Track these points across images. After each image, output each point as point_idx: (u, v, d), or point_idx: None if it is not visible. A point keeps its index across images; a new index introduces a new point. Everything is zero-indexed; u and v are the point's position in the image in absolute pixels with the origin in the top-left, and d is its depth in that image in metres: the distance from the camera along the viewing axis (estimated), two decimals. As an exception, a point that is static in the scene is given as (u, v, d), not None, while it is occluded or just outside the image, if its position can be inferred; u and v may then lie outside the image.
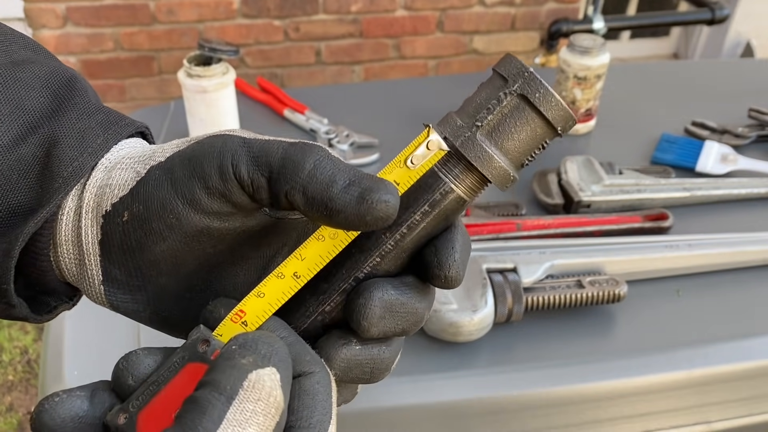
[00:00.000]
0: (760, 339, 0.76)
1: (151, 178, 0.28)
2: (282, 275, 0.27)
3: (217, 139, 0.28)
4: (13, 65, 0.31)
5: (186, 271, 0.29)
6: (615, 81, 1.21)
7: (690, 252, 0.82)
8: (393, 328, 0.27)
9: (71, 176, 0.29)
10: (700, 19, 1.95)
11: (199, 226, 0.28)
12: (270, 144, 0.27)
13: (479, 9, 2.24)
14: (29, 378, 1.75)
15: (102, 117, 0.32)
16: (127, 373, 0.25)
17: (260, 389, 0.22)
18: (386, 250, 0.28)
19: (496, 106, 0.27)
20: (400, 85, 1.40)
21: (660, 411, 0.74)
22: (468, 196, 0.28)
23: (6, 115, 0.30)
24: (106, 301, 0.30)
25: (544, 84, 0.27)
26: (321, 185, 0.26)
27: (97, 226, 0.29)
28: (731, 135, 1.08)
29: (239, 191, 0.27)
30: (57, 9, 2.05)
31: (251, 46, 2.19)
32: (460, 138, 0.27)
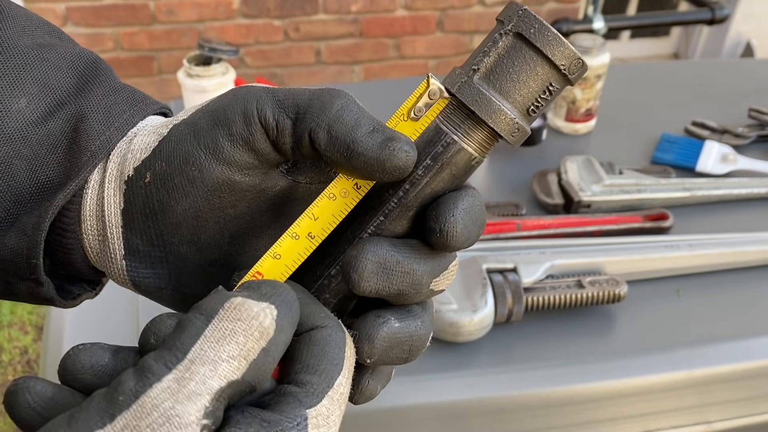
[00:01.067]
0: (760, 339, 0.76)
1: (174, 135, 0.28)
2: (296, 236, 0.27)
3: (240, 89, 0.28)
4: (39, 48, 0.32)
5: (206, 238, 0.29)
6: (615, 81, 1.21)
7: (690, 252, 0.82)
8: (386, 287, 0.26)
9: (98, 150, 0.30)
10: (700, 19, 1.95)
11: (220, 178, 0.28)
12: (295, 89, 0.28)
13: (479, 9, 2.24)
14: (29, 378, 1.75)
15: (127, 94, 0.32)
16: (150, 333, 0.25)
17: (241, 310, 0.22)
18: (389, 207, 0.27)
19: (492, 47, 0.26)
20: (401, 84, 1.40)
21: (660, 411, 0.74)
22: (474, 149, 0.27)
23: (34, 93, 0.30)
24: (128, 277, 0.30)
25: (539, 19, 0.26)
26: (346, 126, 0.26)
27: (120, 194, 0.29)
28: (731, 135, 1.08)
29: (262, 136, 0.27)
30: (57, 9, 2.05)
31: (251, 46, 2.19)
32: (457, 83, 0.26)
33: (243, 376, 0.22)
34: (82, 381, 0.24)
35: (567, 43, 0.26)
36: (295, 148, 0.27)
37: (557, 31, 0.26)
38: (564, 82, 0.26)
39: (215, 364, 0.21)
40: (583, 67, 0.26)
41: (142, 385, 0.21)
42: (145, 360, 0.21)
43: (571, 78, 0.26)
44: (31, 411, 0.23)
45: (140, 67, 2.19)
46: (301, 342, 0.25)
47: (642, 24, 2.26)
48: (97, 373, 0.24)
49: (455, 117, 0.27)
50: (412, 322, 0.27)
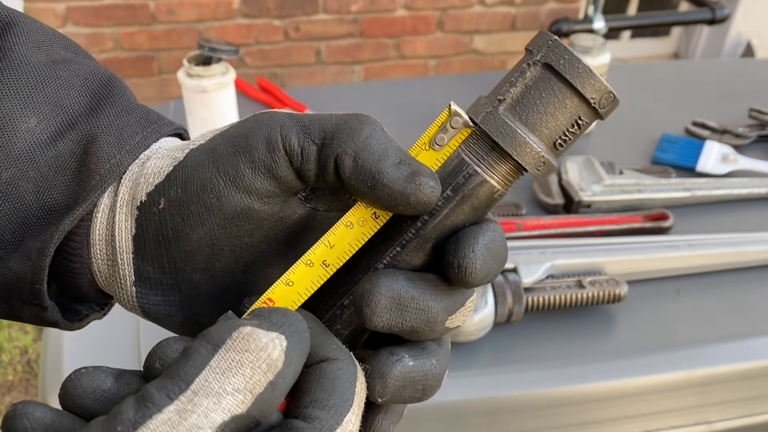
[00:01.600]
0: (760, 339, 0.76)
1: (191, 160, 0.28)
2: (311, 263, 0.26)
3: (262, 115, 0.28)
4: (53, 64, 0.31)
5: (221, 266, 0.28)
6: (615, 81, 1.21)
7: (690, 252, 0.82)
8: (399, 323, 0.25)
9: (108, 173, 0.29)
10: (700, 19, 1.95)
11: (239, 206, 0.27)
12: (320, 115, 0.27)
13: (479, 9, 2.24)
14: (29, 378, 1.75)
15: (140, 115, 0.31)
16: (156, 357, 0.24)
17: (249, 341, 0.21)
18: (407, 238, 0.26)
19: (519, 78, 0.25)
20: (400, 85, 1.40)
21: (660, 411, 0.74)
22: (497, 182, 0.26)
23: (45, 113, 0.30)
24: (137, 304, 0.29)
25: (569, 50, 0.25)
26: (374, 155, 0.25)
27: (132, 220, 0.28)
28: (732, 135, 1.08)
29: (285, 164, 0.26)
30: (57, 9, 2.05)
31: (251, 46, 2.19)
32: (481, 114, 0.25)
33: (248, 410, 0.21)
34: (83, 406, 0.23)
35: (598, 76, 0.25)
36: (318, 175, 0.27)
37: (586, 62, 0.25)
38: (594, 116, 0.25)
39: (219, 396, 0.21)
40: (614, 101, 0.25)
41: (141, 415, 0.20)
42: (146, 388, 0.21)
43: (601, 112, 0.25)
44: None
45: (140, 67, 2.19)
46: (311, 374, 0.24)
47: (642, 24, 2.26)
48: (98, 398, 0.24)
49: (479, 148, 0.26)
50: (426, 360, 0.26)
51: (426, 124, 0.27)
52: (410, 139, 0.27)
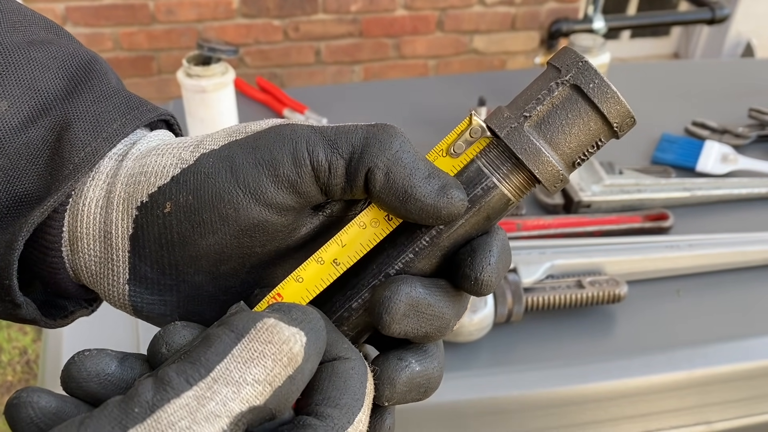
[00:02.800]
0: (760, 339, 0.76)
1: (203, 166, 0.26)
2: (321, 260, 0.26)
3: (284, 127, 0.27)
4: (29, 45, 0.29)
5: (226, 269, 0.27)
6: (615, 81, 1.20)
7: (690, 252, 0.82)
8: (415, 329, 0.26)
9: (83, 162, 0.27)
10: (700, 19, 1.95)
11: (256, 219, 0.26)
12: (345, 127, 0.26)
13: (479, 8, 2.24)
14: (28, 378, 1.75)
15: (120, 101, 0.30)
16: (162, 342, 0.24)
17: (273, 333, 0.21)
18: (421, 246, 0.26)
19: (547, 96, 0.25)
20: (400, 84, 1.40)
21: (660, 411, 0.74)
22: (513, 194, 0.26)
23: (17, 96, 0.28)
24: (128, 302, 0.28)
25: (599, 74, 0.25)
26: (405, 169, 0.25)
27: (128, 219, 0.27)
28: (731, 135, 1.08)
29: (311, 179, 0.26)
30: (56, 9, 2.04)
31: (250, 46, 2.19)
32: (505, 128, 0.26)
33: (266, 402, 0.21)
34: (87, 389, 0.23)
35: (624, 101, 0.25)
36: (345, 189, 0.26)
37: (614, 87, 0.25)
38: (612, 137, 0.26)
39: (239, 386, 0.20)
40: (633, 124, 0.26)
41: (159, 398, 0.20)
42: (166, 372, 0.21)
43: (620, 134, 0.26)
44: (34, 427, 0.21)
45: (139, 67, 2.19)
46: (323, 372, 0.24)
47: (642, 24, 2.26)
48: (102, 382, 0.23)
49: (498, 160, 0.26)
50: (430, 364, 0.27)
51: (426, 124, 0.27)
52: (412, 138, 0.27)
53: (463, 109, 1.10)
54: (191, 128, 1.05)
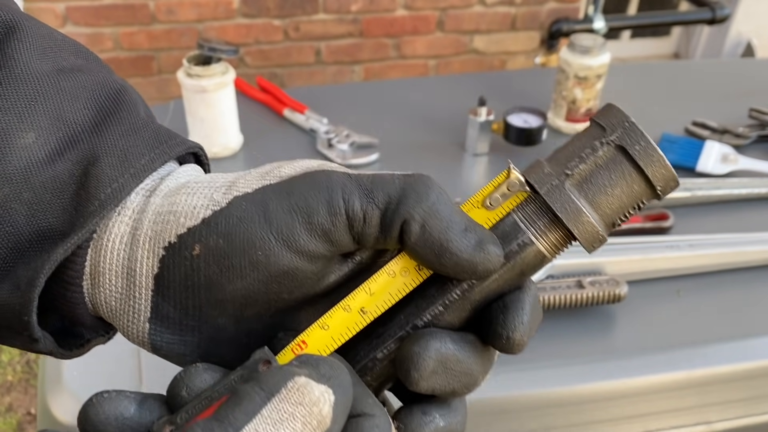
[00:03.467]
0: (760, 339, 0.76)
1: (236, 210, 0.26)
2: (348, 308, 0.26)
3: (320, 173, 0.26)
4: (58, 73, 0.29)
5: (250, 313, 0.27)
6: (615, 81, 1.21)
7: (690, 252, 0.82)
8: (443, 386, 0.25)
9: (109, 198, 0.26)
10: (700, 19, 1.95)
11: (286, 267, 0.26)
12: (381, 176, 0.26)
13: (479, 8, 2.24)
14: (28, 378, 1.75)
15: (149, 134, 0.29)
16: (182, 384, 0.23)
17: (304, 394, 0.21)
18: (451, 299, 0.26)
19: (590, 155, 0.25)
20: (400, 84, 1.40)
21: (660, 411, 0.74)
22: (549, 252, 0.25)
23: (45, 127, 0.27)
24: (147, 340, 0.27)
25: (646, 137, 0.25)
26: (442, 222, 0.25)
27: (154, 258, 0.26)
28: (732, 135, 1.08)
29: (345, 228, 0.25)
30: (56, 8, 2.04)
31: (251, 46, 2.19)
32: (546, 185, 0.25)
33: None
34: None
35: (669, 164, 0.25)
36: (378, 239, 0.26)
37: (660, 150, 0.25)
38: (654, 198, 0.25)
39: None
40: (677, 186, 0.25)
41: None
42: (193, 429, 0.20)
43: (662, 197, 0.25)
44: None
45: (140, 66, 2.19)
46: (348, 429, 0.23)
47: (642, 24, 2.26)
48: (121, 426, 0.23)
49: (536, 216, 0.25)
50: (453, 419, 0.27)
51: (426, 124, 0.27)
52: (411, 139, 0.27)
53: (463, 109, 1.10)
54: (191, 128, 1.05)
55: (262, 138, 1.11)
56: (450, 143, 1.08)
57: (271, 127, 1.14)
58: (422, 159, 1.05)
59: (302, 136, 1.12)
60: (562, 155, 0.26)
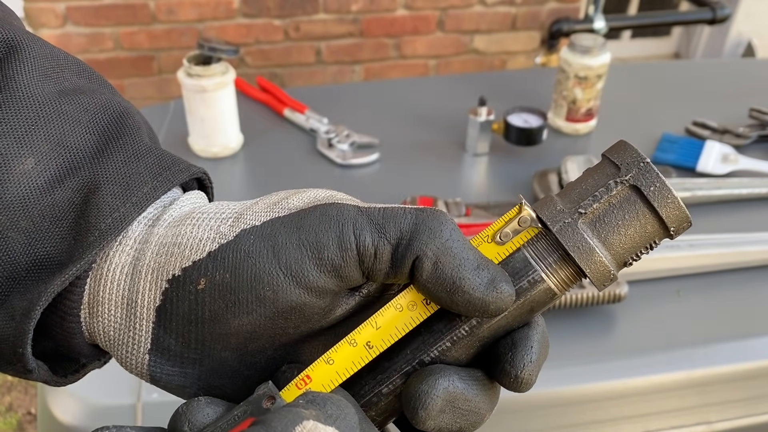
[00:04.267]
0: (761, 339, 0.76)
1: (244, 244, 0.25)
2: (354, 342, 0.25)
3: (330, 207, 0.26)
4: (60, 96, 0.28)
5: (254, 347, 0.26)
6: (616, 81, 1.21)
7: (691, 252, 0.82)
8: (450, 425, 0.25)
9: (109, 229, 0.26)
10: (701, 19, 1.95)
11: (294, 302, 0.25)
12: (393, 210, 0.26)
13: (480, 8, 2.24)
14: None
15: (152, 160, 0.28)
16: (184, 419, 0.23)
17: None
18: (459, 335, 0.25)
19: (604, 194, 0.25)
20: (401, 84, 1.40)
21: (660, 411, 0.74)
22: (559, 288, 0.25)
23: (44, 152, 0.26)
24: (146, 371, 0.27)
25: (661, 177, 0.24)
26: (454, 259, 0.24)
27: (157, 290, 0.25)
28: (732, 135, 1.08)
29: (354, 263, 0.25)
30: (57, 8, 2.04)
31: (251, 46, 2.19)
32: (559, 223, 0.25)
33: None
34: None
35: (683, 207, 0.25)
36: (388, 274, 0.25)
37: (675, 192, 0.25)
38: (667, 238, 0.25)
39: None
40: (689, 227, 0.25)
41: None
42: None
43: (674, 237, 0.25)
44: None
45: (140, 66, 2.19)
46: None
47: (643, 24, 2.26)
48: None
49: (547, 253, 0.25)
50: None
51: (426, 124, 0.27)
52: (411, 139, 0.27)
53: (463, 109, 1.10)
54: (191, 128, 1.05)
55: (262, 138, 1.11)
56: (450, 143, 1.08)
57: (272, 127, 1.14)
58: (422, 159, 1.05)
59: (302, 136, 1.12)
60: (574, 192, 0.26)
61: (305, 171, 1.04)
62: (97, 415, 0.68)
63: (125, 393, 0.69)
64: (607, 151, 0.26)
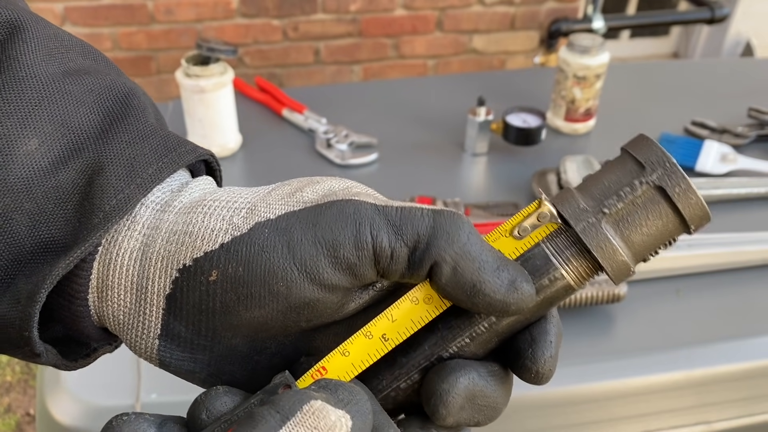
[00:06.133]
0: (760, 339, 0.76)
1: (258, 237, 0.25)
2: (370, 335, 0.25)
3: (347, 204, 0.25)
4: (65, 76, 0.28)
5: (265, 336, 0.26)
6: (614, 80, 1.21)
7: (690, 252, 0.82)
8: (468, 419, 0.25)
9: (114, 210, 0.25)
10: (699, 19, 1.95)
11: (307, 298, 0.25)
12: (411, 211, 0.25)
13: (478, 8, 2.24)
14: (27, 379, 1.74)
15: (158, 142, 0.27)
16: (202, 407, 0.23)
17: (320, 418, 0.20)
18: (478, 332, 0.25)
19: (629, 194, 0.25)
20: (399, 84, 1.40)
21: (660, 411, 0.74)
22: (577, 284, 0.25)
23: (48, 133, 0.26)
24: (156, 356, 0.26)
25: (686, 179, 0.24)
26: (474, 263, 0.24)
27: (168, 279, 0.25)
28: (731, 134, 1.08)
29: (370, 263, 0.25)
30: (55, 8, 2.04)
31: (250, 46, 2.19)
32: (582, 222, 0.25)
33: None
34: None
35: (705, 206, 0.25)
36: (404, 275, 0.25)
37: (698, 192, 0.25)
38: (684, 233, 0.26)
39: None
40: (708, 222, 0.25)
41: None
42: None
43: (692, 233, 0.26)
44: None
45: (138, 67, 2.18)
46: None
47: (641, 23, 2.26)
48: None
49: (567, 251, 0.25)
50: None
51: (426, 124, 0.27)
52: (410, 139, 0.27)
53: (462, 108, 1.10)
54: (190, 128, 1.04)
55: (260, 138, 1.11)
56: (449, 143, 1.08)
57: (270, 127, 1.14)
58: (421, 159, 1.05)
59: (301, 136, 1.11)
60: (596, 188, 0.25)
61: (304, 171, 1.03)
62: (96, 416, 0.68)
63: (124, 394, 0.68)
64: (629, 146, 0.25)
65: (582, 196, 0.25)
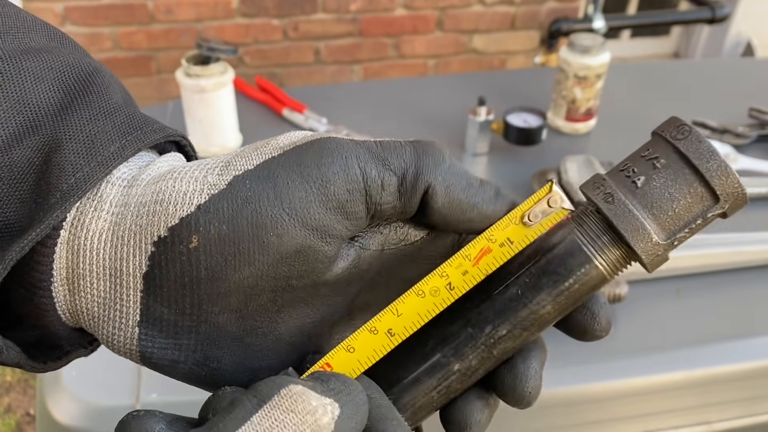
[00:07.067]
0: (760, 339, 0.76)
1: (240, 190, 0.23)
2: (375, 330, 0.25)
3: (328, 141, 0.24)
4: (24, 53, 0.26)
5: (255, 306, 0.25)
6: (615, 80, 1.21)
7: (690, 252, 0.81)
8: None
9: (72, 190, 0.23)
10: (700, 18, 1.95)
11: (299, 245, 0.24)
12: (390, 143, 0.25)
13: (479, 8, 2.24)
14: (27, 379, 1.75)
15: (121, 119, 0.26)
16: (210, 408, 0.23)
17: (297, 402, 0.20)
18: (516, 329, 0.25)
19: (698, 219, 0.24)
20: (400, 84, 1.40)
21: (660, 411, 0.74)
22: (610, 275, 0.24)
23: (2, 110, 0.24)
24: (136, 347, 0.25)
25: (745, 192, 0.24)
26: (462, 181, 0.26)
27: (143, 256, 0.23)
28: (732, 134, 1.08)
29: (361, 198, 0.24)
30: (55, 8, 2.04)
31: (250, 46, 2.19)
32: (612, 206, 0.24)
33: None
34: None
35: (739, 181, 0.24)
36: (395, 207, 0.25)
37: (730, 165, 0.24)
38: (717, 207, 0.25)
39: None
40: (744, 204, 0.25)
41: None
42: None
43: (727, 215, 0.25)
44: None
45: (138, 66, 2.18)
46: None
47: (642, 23, 2.26)
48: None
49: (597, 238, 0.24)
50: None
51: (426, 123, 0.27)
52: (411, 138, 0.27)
53: (462, 108, 1.10)
54: (190, 128, 1.04)
55: (261, 137, 1.10)
56: (449, 143, 1.08)
57: (270, 126, 1.14)
58: (422, 159, 1.04)
59: (301, 135, 1.11)
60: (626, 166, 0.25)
61: (304, 171, 1.03)
62: (96, 416, 0.68)
63: (124, 394, 0.68)
64: (677, 142, 0.25)
65: (612, 178, 0.24)
